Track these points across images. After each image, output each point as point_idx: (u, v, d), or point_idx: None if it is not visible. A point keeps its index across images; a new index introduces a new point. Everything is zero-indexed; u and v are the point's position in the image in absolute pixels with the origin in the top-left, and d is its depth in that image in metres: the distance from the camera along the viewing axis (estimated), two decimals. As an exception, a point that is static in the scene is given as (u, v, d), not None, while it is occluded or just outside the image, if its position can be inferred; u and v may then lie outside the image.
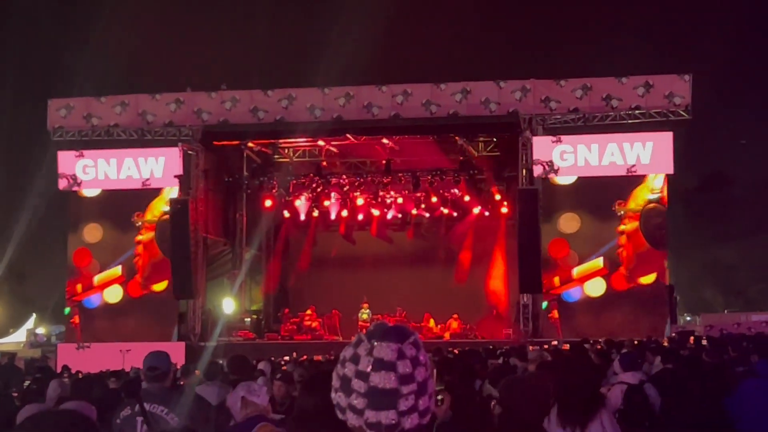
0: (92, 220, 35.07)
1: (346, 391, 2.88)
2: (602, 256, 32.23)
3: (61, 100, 35.53)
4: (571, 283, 32.27)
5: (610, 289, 32.04)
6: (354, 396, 2.86)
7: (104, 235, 34.93)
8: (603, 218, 32.40)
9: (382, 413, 2.83)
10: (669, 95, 32.02)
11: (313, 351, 28.13)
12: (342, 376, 2.91)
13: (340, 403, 2.90)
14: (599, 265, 32.21)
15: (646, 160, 31.87)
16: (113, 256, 34.83)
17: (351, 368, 2.89)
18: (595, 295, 32.15)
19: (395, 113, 33.08)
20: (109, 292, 34.67)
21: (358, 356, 2.89)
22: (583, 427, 7.54)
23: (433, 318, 35.01)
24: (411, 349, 2.90)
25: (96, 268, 34.87)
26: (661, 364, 12.60)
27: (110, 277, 34.75)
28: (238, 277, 37.25)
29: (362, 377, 2.86)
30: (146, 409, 7.48)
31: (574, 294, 32.30)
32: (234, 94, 34.36)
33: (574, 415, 7.55)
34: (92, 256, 34.97)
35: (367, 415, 2.84)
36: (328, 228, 38.58)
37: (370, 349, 2.88)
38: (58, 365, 26.32)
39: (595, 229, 32.48)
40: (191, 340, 33.09)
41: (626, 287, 31.90)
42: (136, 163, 34.51)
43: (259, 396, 6.69)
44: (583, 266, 32.28)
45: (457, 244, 37.72)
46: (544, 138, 32.41)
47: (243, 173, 37.73)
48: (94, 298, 34.82)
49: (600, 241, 32.33)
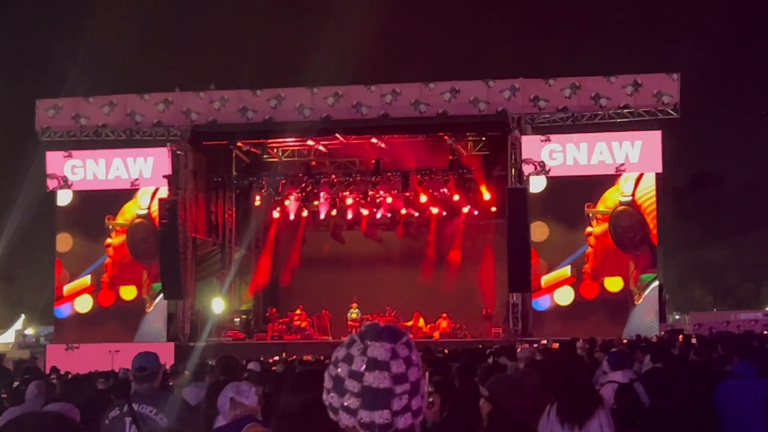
0: (63, 230, 35.08)
1: (339, 391, 2.87)
2: (569, 264, 32.31)
3: (49, 100, 35.44)
4: (539, 291, 32.32)
5: (578, 297, 32.09)
6: (347, 396, 2.85)
7: (74, 245, 34.90)
8: (571, 227, 32.48)
9: (375, 413, 2.83)
10: (657, 94, 32.07)
11: (302, 351, 28.10)
12: (335, 377, 2.90)
13: (333, 404, 2.89)
14: (567, 274, 32.30)
15: (634, 159, 31.93)
16: (82, 265, 34.84)
17: (344, 368, 2.88)
18: (563, 303, 32.20)
19: (384, 113, 33.08)
20: (79, 302, 34.64)
21: (351, 356, 2.89)
22: (582, 425, 7.71)
23: (422, 317, 35.01)
24: (404, 349, 2.90)
25: (66, 278, 34.84)
26: (650, 363, 12.61)
27: (80, 287, 34.74)
28: (227, 277, 37.19)
29: (356, 377, 2.85)
30: (135, 409, 7.46)
31: (543, 303, 32.35)
32: (223, 93, 34.33)
33: (573, 413, 7.73)
34: (62, 265, 34.95)
35: (361, 415, 2.84)
36: (318, 228, 38.57)
37: (363, 349, 2.88)
38: (47, 366, 26.24)
39: (563, 238, 32.56)
40: (180, 341, 33.06)
41: (594, 295, 31.99)
42: (124, 163, 34.47)
43: (248, 397, 6.67)
44: (551, 275, 32.36)
45: (446, 244, 37.73)
46: (533, 137, 32.45)
47: (232, 173, 37.66)
48: (64, 308, 34.82)
49: (568, 250, 32.41)
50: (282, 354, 27.15)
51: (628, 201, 32.13)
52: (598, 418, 7.83)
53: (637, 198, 32.16)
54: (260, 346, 32.31)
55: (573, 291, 32.18)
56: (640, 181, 32.18)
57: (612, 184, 32.22)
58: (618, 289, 31.95)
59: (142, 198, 34.36)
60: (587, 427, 7.75)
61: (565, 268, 32.33)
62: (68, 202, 34.99)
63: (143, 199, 34.40)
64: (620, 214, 32.20)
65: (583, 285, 32.17)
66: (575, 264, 32.30)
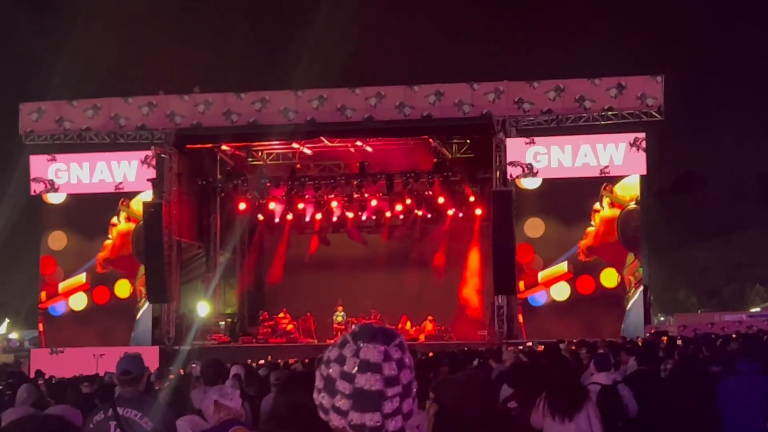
0: (57, 228, 34.96)
1: (331, 392, 2.86)
2: (567, 260, 32.39)
3: (32, 104, 35.32)
4: (536, 287, 32.39)
5: (575, 293, 32.18)
6: (338, 397, 2.84)
7: (68, 243, 34.79)
8: (567, 223, 32.55)
9: (366, 415, 2.82)
10: (641, 96, 32.16)
11: (288, 354, 28.03)
12: (326, 377, 2.88)
13: (324, 404, 2.88)
14: (563, 270, 32.37)
15: (619, 161, 32.02)
16: (77, 263, 34.71)
17: (336, 369, 2.86)
18: (560, 299, 32.30)
19: (369, 115, 33.09)
20: (74, 300, 34.53)
21: (343, 357, 2.87)
22: (571, 418, 8.51)
23: (410, 320, 35.03)
24: (397, 351, 2.89)
25: (60, 276, 34.75)
26: (635, 365, 12.63)
27: (75, 284, 34.62)
28: (212, 280, 37.12)
29: (347, 378, 2.84)
30: (119, 413, 7.44)
31: (539, 298, 32.44)
32: (207, 97, 34.27)
33: (562, 406, 8.54)
34: (57, 263, 34.85)
35: (351, 417, 2.83)
36: (303, 231, 38.49)
37: (356, 350, 2.87)
38: (32, 370, 26.16)
39: (559, 234, 32.63)
40: (165, 344, 32.98)
41: (590, 291, 32.08)
42: (109, 166, 34.37)
43: (232, 399, 6.66)
44: (548, 270, 32.43)
45: (431, 246, 37.68)
46: (517, 140, 32.51)
47: (217, 176, 37.56)
48: (58, 306, 34.70)
49: (564, 246, 32.48)
50: (268, 357, 27.10)
51: (637, 200, 32.35)
52: (587, 411, 8.60)
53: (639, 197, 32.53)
54: (245, 349, 32.25)
55: (569, 287, 32.26)
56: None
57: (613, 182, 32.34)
58: (614, 284, 32.04)
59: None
60: (576, 420, 8.52)
61: (562, 264, 32.40)
62: (62, 200, 34.85)
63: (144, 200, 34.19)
64: (632, 212, 32.37)
65: (580, 280, 32.24)
66: (572, 260, 32.38)
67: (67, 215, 34.83)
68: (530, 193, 32.61)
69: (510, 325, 32.19)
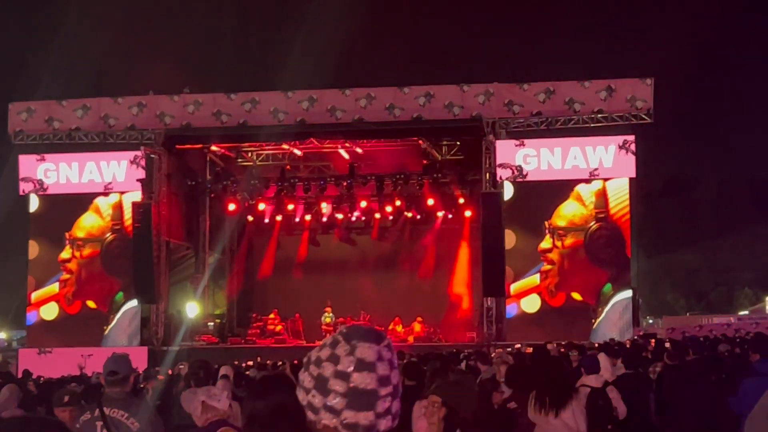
0: (32, 237, 34.90)
1: (323, 391, 2.85)
2: (538, 272, 32.30)
3: (21, 103, 35.20)
4: (508, 299, 32.29)
5: (545, 305, 32.09)
6: (332, 396, 2.83)
7: (40, 252, 34.69)
8: (536, 234, 32.40)
9: (360, 414, 2.83)
10: (631, 99, 32.20)
11: (276, 355, 27.99)
12: (317, 376, 2.87)
13: (314, 404, 2.86)
14: (536, 282, 32.30)
15: (608, 163, 32.04)
16: (49, 273, 34.60)
17: (329, 368, 2.85)
18: (530, 311, 32.19)
19: (359, 117, 33.07)
20: (45, 310, 34.44)
21: (337, 356, 2.87)
22: (557, 413, 9.14)
23: (402, 322, 35.06)
24: (387, 351, 2.92)
25: (32, 285, 34.64)
26: (623, 367, 12.65)
27: (47, 294, 34.51)
28: (201, 281, 37.05)
29: (342, 377, 2.84)
30: (106, 413, 7.42)
31: (510, 310, 32.30)
32: (197, 97, 34.21)
33: (549, 403, 9.16)
34: (28, 273, 34.76)
35: (345, 416, 2.83)
36: (292, 232, 38.46)
37: (350, 349, 2.87)
38: (19, 370, 26.06)
39: (530, 246, 32.47)
40: (154, 345, 32.92)
41: (560, 303, 31.99)
42: (98, 167, 34.29)
43: (219, 400, 6.64)
44: (520, 282, 32.31)
45: (420, 248, 37.70)
46: (507, 142, 32.52)
47: (206, 177, 37.50)
48: (30, 315, 34.65)
49: (535, 258, 32.34)
50: (257, 359, 27.06)
51: (604, 217, 32.17)
52: (572, 408, 9.22)
53: (612, 212, 32.21)
54: (234, 350, 32.22)
55: (539, 298, 32.19)
56: (607, 192, 32.22)
57: (566, 197, 32.22)
58: (580, 298, 32.02)
59: (106, 210, 34.10)
60: (561, 416, 9.15)
61: (534, 276, 32.30)
62: (36, 208, 34.77)
63: (107, 211, 34.15)
64: (597, 231, 32.17)
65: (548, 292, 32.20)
66: (543, 271, 32.31)
67: (38, 224, 34.75)
68: None
69: (499, 327, 32.19)
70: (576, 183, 32.26)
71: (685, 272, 78.92)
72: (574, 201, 32.22)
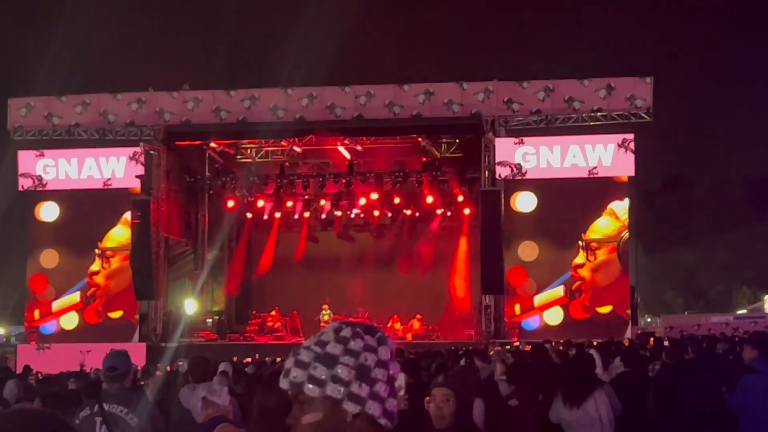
0: (49, 246, 34.71)
1: (368, 380, 2.80)
2: (562, 284, 32.25)
3: (21, 99, 35.20)
4: (531, 311, 32.23)
5: (568, 318, 31.99)
6: (378, 384, 2.80)
7: (60, 261, 34.59)
8: (561, 246, 32.34)
9: (394, 401, 2.85)
10: (630, 97, 32.20)
11: (274, 352, 27.98)
12: (358, 366, 2.80)
13: (360, 394, 2.78)
14: (560, 294, 32.22)
15: (607, 162, 32.04)
16: (70, 282, 34.47)
17: (371, 357, 2.81)
18: (553, 323, 32.06)
19: (358, 114, 33.07)
20: (65, 319, 34.36)
21: (371, 347, 2.84)
22: (579, 405, 9.53)
23: (400, 319, 35.06)
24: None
25: (52, 294, 34.51)
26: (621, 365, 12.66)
27: (68, 303, 34.43)
28: (200, 277, 37.06)
29: (383, 366, 2.82)
30: (105, 409, 7.42)
31: (532, 323, 32.22)
32: (196, 94, 34.20)
33: (571, 395, 9.61)
34: (48, 282, 34.62)
35: (390, 403, 2.82)
36: (291, 229, 38.46)
37: (379, 339, 2.87)
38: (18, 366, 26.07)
39: (553, 258, 32.41)
40: (152, 341, 32.92)
41: (584, 316, 31.90)
42: (97, 163, 34.27)
43: (219, 396, 6.65)
44: (544, 294, 32.19)
45: (419, 245, 37.72)
46: (506, 139, 32.51)
47: (205, 173, 37.50)
48: (49, 325, 34.48)
49: (558, 270, 32.28)
50: (255, 355, 27.07)
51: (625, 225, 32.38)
52: (594, 400, 9.56)
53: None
54: (233, 347, 32.24)
55: (562, 311, 32.09)
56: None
57: (596, 210, 32.26)
58: (609, 310, 31.93)
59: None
60: (584, 408, 9.52)
61: (557, 288, 32.20)
62: (55, 218, 34.70)
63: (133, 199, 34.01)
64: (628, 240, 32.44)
65: (574, 305, 32.03)
66: (567, 284, 32.20)
67: (60, 233, 34.54)
68: (525, 216, 32.47)
69: (497, 325, 32.19)
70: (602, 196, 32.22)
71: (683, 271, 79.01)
72: (607, 216, 32.18)
